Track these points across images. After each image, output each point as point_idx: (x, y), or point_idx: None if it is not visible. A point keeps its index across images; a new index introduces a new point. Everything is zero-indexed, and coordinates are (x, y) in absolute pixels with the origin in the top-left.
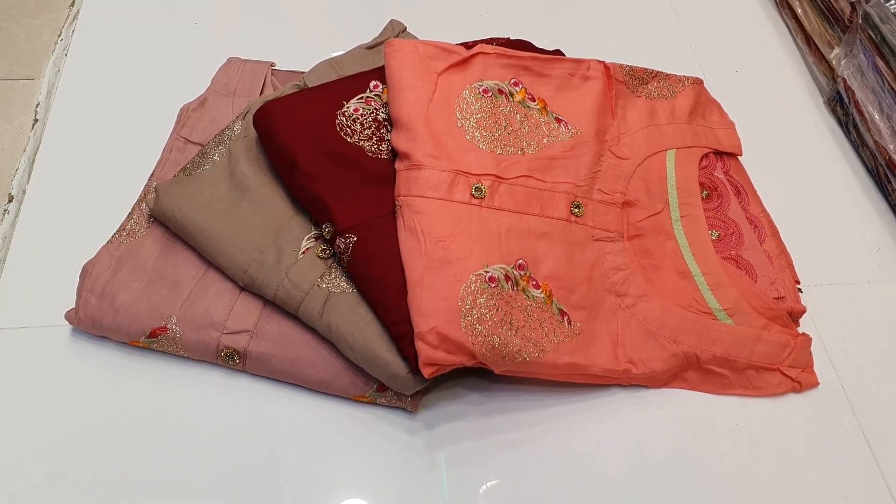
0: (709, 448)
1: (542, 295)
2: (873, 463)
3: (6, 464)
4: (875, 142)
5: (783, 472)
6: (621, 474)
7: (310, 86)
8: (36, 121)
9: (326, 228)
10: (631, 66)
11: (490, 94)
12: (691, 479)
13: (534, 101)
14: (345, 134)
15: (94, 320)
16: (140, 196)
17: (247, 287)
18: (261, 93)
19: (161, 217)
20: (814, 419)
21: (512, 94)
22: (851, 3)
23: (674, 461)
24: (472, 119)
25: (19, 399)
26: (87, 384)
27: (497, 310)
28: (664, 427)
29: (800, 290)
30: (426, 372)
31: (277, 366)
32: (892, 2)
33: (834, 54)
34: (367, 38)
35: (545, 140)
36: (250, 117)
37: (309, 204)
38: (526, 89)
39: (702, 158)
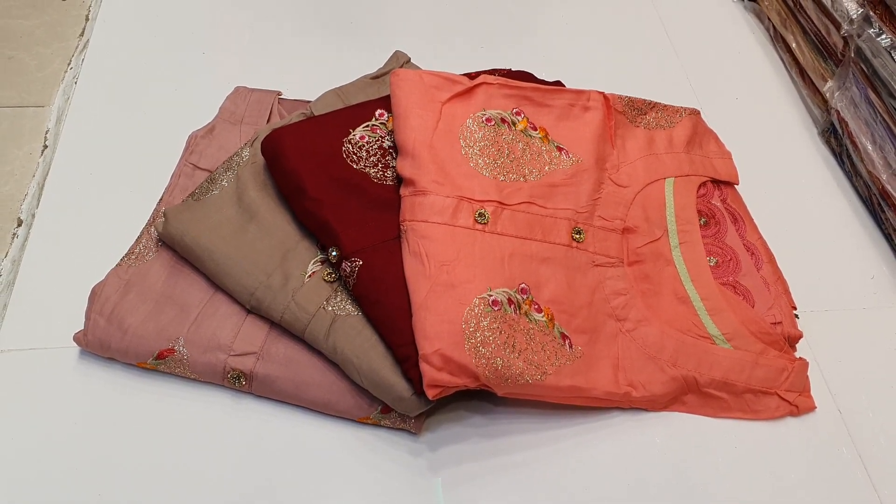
0: (707, 471)
1: (544, 318)
2: (870, 486)
3: (13, 485)
4: (868, 172)
5: (781, 494)
6: (621, 497)
7: (316, 114)
8: (45, 147)
9: (333, 252)
10: (630, 97)
11: (493, 122)
12: (690, 503)
13: (535, 130)
14: (351, 161)
15: (102, 342)
16: (149, 220)
17: (254, 310)
18: (268, 121)
19: (170, 241)
20: (811, 442)
21: (514, 123)
22: (844, 38)
23: (673, 484)
24: (475, 147)
25: (27, 419)
26: (94, 405)
27: (500, 333)
28: (664, 450)
29: (796, 315)
30: (430, 394)
31: (283, 387)
32: (884, 36)
33: (827, 87)
34: (372, 69)
35: (546, 168)
36: (258, 144)
37: (316, 228)
38: (528, 119)
39: (699, 187)
